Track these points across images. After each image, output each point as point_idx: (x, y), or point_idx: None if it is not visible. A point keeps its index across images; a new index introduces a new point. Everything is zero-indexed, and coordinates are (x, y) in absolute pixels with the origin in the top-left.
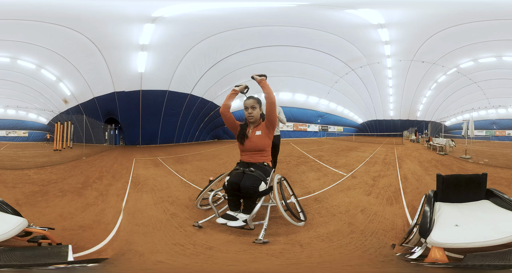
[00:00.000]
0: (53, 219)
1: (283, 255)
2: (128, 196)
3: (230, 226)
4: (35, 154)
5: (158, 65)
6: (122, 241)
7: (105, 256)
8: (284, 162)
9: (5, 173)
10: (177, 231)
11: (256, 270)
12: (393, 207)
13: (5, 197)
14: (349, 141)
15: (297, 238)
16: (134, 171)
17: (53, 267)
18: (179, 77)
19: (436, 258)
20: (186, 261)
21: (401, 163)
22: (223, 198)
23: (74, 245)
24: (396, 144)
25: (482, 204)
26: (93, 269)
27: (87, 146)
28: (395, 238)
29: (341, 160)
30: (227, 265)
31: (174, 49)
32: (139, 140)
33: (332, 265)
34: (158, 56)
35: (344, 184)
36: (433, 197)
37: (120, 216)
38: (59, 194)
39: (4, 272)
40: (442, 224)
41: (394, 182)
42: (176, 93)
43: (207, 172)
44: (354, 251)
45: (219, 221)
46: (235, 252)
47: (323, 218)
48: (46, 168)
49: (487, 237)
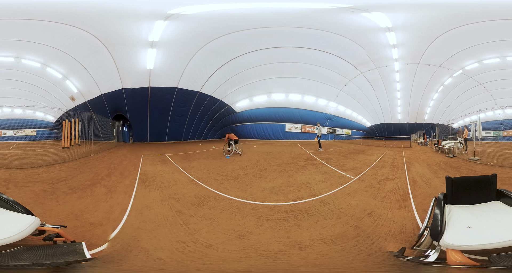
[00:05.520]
0: (64, 217)
1: (276, 256)
2: (136, 193)
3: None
4: (44, 152)
5: (168, 62)
6: (130, 238)
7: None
8: (291, 163)
9: (15, 173)
10: (181, 228)
11: (234, 271)
12: (402, 210)
13: (16, 197)
14: (357, 144)
15: (298, 240)
16: (142, 168)
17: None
18: (189, 75)
19: (458, 260)
20: (182, 258)
21: (409, 166)
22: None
23: (86, 242)
24: (404, 147)
25: (493, 205)
26: (99, 266)
27: (95, 143)
28: (405, 241)
29: (349, 163)
30: (216, 264)
31: (185, 46)
32: (147, 137)
33: (324, 268)
34: (168, 53)
35: (351, 187)
36: (443, 199)
37: (125, 214)
38: (69, 192)
39: (28, 270)
40: (454, 226)
41: (402, 185)
42: (185, 91)
43: (214, 170)
44: (358, 255)
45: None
46: (230, 251)
47: (328, 221)
48: (55, 166)
49: (503, 238)
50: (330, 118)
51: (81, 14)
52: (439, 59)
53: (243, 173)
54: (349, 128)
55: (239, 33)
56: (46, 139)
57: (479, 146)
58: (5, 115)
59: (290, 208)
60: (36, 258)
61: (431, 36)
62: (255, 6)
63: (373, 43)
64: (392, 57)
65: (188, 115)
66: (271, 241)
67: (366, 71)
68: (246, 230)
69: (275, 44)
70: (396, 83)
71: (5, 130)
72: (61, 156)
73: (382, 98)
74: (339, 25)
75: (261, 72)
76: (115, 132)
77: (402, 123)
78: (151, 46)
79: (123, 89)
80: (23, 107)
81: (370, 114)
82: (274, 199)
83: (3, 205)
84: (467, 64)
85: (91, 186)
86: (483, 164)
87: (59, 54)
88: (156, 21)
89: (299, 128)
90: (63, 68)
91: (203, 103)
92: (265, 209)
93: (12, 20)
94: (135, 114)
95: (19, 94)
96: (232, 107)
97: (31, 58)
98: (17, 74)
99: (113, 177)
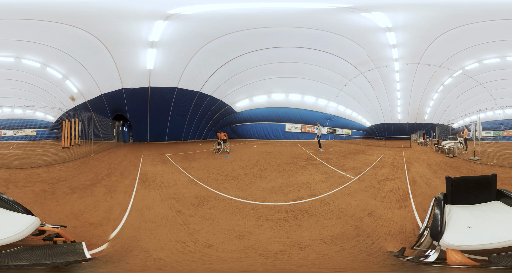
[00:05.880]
0: (64, 217)
1: (276, 256)
2: (136, 193)
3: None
4: (44, 152)
5: (168, 62)
6: (130, 238)
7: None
8: (291, 163)
9: (15, 173)
10: (181, 228)
11: (234, 271)
12: (402, 210)
13: (16, 197)
14: (357, 144)
15: (298, 240)
16: (142, 168)
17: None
18: (189, 75)
19: (458, 260)
20: (182, 258)
21: (409, 166)
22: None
23: (86, 242)
24: (404, 147)
25: (493, 205)
26: (99, 266)
27: (95, 143)
28: (405, 241)
29: (349, 163)
30: (216, 264)
31: (185, 46)
32: (147, 137)
33: (323, 267)
34: (168, 53)
35: (351, 187)
36: (443, 199)
37: (125, 214)
38: (69, 192)
39: (28, 270)
40: (454, 226)
41: (402, 185)
42: (185, 91)
43: (214, 170)
44: (358, 255)
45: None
46: (230, 251)
47: (328, 221)
48: (55, 166)
49: (503, 238)
50: (330, 118)
51: (81, 14)
52: (439, 59)
53: (243, 173)
54: (349, 128)
55: (239, 33)
56: (46, 139)
57: (479, 146)
58: (5, 115)
59: (290, 208)
60: (36, 258)
61: (431, 36)
62: (255, 6)
63: (373, 43)
64: (392, 57)
65: (188, 115)
66: (271, 241)
67: (366, 71)
68: (246, 230)
69: (275, 44)
70: (396, 83)
71: (5, 130)
72: (61, 156)
73: (382, 98)
74: (339, 25)
75: (261, 72)
76: (115, 132)
77: (402, 123)
78: (151, 46)
79: (123, 89)
80: (23, 107)
81: (370, 114)
82: (274, 199)
83: (3, 205)
84: (467, 64)
85: (91, 186)
86: (483, 164)
87: (59, 54)
88: (156, 21)
89: (299, 128)
90: (63, 68)
91: (203, 103)
92: (265, 209)
93: (12, 20)
94: (135, 114)
95: (19, 94)
96: (232, 107)
97: (31, 58)
98: (17, 74)
99: (113, 177)
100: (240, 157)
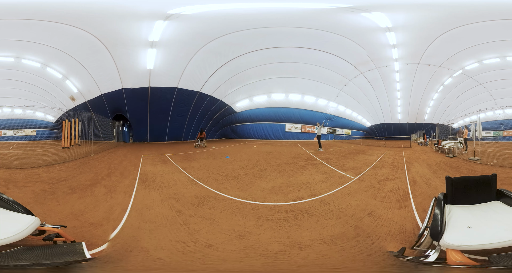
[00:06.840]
0: (64, 217)
1: (276, 256)
2: (136, 193)
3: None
4: (44, 152)
5: (168, 62)
6: (130, 238)
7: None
8: (291, 163)
9: (14, 173)
10: (181, 228)
11: (234, 271)
12: (402, 210)
13: (16, 197)
14: (357, 144)
15: (298, 240)
16: (142, 168)
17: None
18: (189, 75)
19: (458, 260)
20: (182, 258)
21: (409, 166)
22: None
23: (86, 242)
24: (404, 147)
25: (493, 205)
26: (99, 266)
27: (95, 143)
28: (405, 241)
29: (349, 163)
30: (216, 264)
31: (185, 46)
32: (147, 137)
33: (323, 267)
34: (168, 53)
35: (351, 187)
36: (443, 199)
37: (125, 214)
38: (69, 192)
39: (28, 270)
40: (454, 226)
41: (402, 185)
42: (185, 91)
43: (214, 170)
44: (358, 255)
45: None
46: (230, 251)
47: (328, 221)
48: (55, 166)
49: (503, 238)
50: (330, 118)
51: (81, 14)
52: (439, 59)
53: (243, 173)
54: (349, 128)
55: (239, 33)
56: (46, 139)
57: (479, 146)
58: (5, 115)
59: (290, 208)
60: (36, 258)
61: (431, 36)
62: (255, 6)
63: (373, 43)
64: (392, 57)
65: (188, 115)
66: (271, 241)
67: (366, 71)
68: (246, 230)
69: (275, 44)
70: (396, 83)
71: (5, 130)
72: (61, 156)
73: (382, 98)
74: (339, 25)
75: (261, 72)
76: (115, 132)
77: (402, 123)
78: (151, 46)
79: (123, 89)
80: (23, 107)
81: (370, 114)
82: (274, 199)
83: (3, 205)
84: (467, 64)
85: (91, 186)
86: (483, 164)
87: (59, 54)
88: (156, 21)
89: (299, 128)
90: (63, 68)
91: (203, 103)
92: (265, 209)
93: (12, 20)
94: (135, 114)
95: (19, 94)
96: (232, 107)
97: (31, 58)
98: (17, 74)
99: (113, 177)
100: (240, 157)
